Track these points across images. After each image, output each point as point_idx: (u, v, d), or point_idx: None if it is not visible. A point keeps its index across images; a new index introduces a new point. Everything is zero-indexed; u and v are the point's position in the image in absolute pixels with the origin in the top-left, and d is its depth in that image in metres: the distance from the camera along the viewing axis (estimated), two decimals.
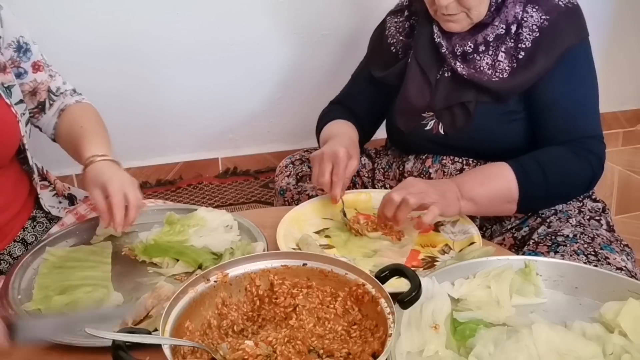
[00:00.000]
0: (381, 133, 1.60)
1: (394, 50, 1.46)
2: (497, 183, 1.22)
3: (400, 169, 1.49)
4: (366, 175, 1.57)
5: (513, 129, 1.33)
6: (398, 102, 1.41)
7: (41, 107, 1.31)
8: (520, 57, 1.28)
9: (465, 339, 0.86)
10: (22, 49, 1.24)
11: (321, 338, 0.83)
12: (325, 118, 1.55)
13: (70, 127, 1.28)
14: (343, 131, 1.43)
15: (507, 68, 1.29)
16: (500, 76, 1.29)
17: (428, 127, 1.39)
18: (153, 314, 0.93)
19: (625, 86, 3.01)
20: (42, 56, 1.30)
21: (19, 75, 1.25)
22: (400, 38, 1.45)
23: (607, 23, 2.85)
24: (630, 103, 3.11)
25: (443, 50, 1.33)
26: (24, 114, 1.23)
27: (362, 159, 1.58)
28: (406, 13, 1.45)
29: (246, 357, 0.77)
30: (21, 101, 1.24)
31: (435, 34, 1.34)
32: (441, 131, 1.37)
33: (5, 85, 1.20)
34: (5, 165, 1.19)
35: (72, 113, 1.31)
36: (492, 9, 1.27)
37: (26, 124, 1.24)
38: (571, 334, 0.85)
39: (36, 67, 1.28)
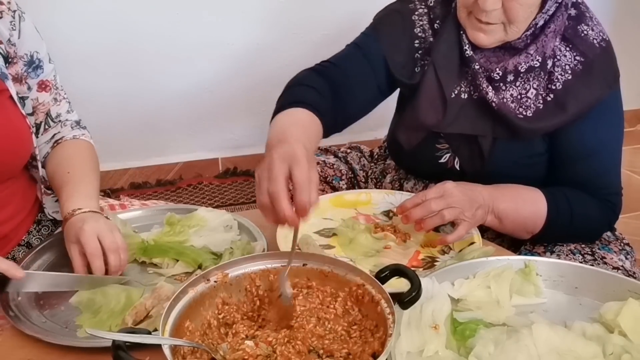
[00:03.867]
0: (380, 133, 1.58)
1: (416, 44, 1.26)
2: (529, 212, 1.16)
3: (397, 185, 1.42)
4: (362, 180, 1.52)
5: (534, 170, 1.25)
6: (406, 115, 1.30)
7: (35, 129, 1.24)
8: (549, 99, 1.17)
9: (465, 339, 0.86)
10: (33, 64, 1.20)
11: (321, 338, 0.83)
12: (293, 90, 1.24)
13: (57, 168, 1.20)
14: (301, 130, 1.06)
15: (532, 106, 1.18)
16: (524, 113, 1.19)
17: (442, 160, 1.29)
18: (153, 314, 0.93)
19: (625, 86, 2.99)
20: (55, 78, 1.25)
21: None
22: (428, 35, 1.25)
23: (606, 23, 2.82)
24: (630, 103, 3.10)
25: (476, 67, 1.18)
26: (34, 126, 1.22)
27: (361, 160, 1.56)
28: (430, 15, 1.26)
29: (246, 357, 0.77)
30: (32, 113, 1.22)
31: (466, 46, 1.19)
32: (457, 166, 1.28)
33: (20, 96, 1.18)
34: (17, 175, 1.19)
35: (64, 151, 1.24)
36: (529, 32, 1.14)
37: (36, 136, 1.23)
38: (571, 334, 0.85)
39: (42, 86, 1.23)
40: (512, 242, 1.30)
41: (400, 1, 1.32)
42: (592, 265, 1.11)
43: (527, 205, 1.16)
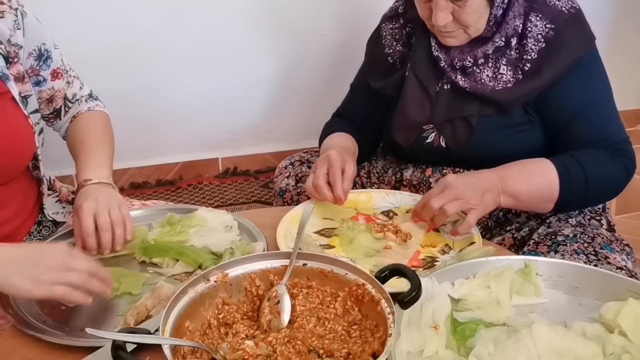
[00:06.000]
0: None
1: (390, 61, 1.42)
2: (540, 180, 1.19)
3: (398, 176, 1.46)
4: (365, 175, 1.56)
5: (516, 141, 1.30)
6: (396, 117, 1.38)
7: (56, 114, 1.30)
8: (527, 68, 1.24)
9: (465, 339, 0.86)
10: (42, 57, 1.21)
11: (321, 338, 0.83)
12: (326, 132, 1.53)
13: (74, 139, 1.27)
14: (337, 142, 1.42)
15: (511, 79, 1.26)
16: (504, 87, 1.26)
17: (429, 140, 1.36)
18: (153, 314, 0.93)
19: (625, 86, 3.01)
20: (62, 62, 1.28)
21: (37, 83, 1.23)
22: (398, 48, 1.41)
23: (607, 23, 2.85)
24: (630, 103, 3.11)
25: (442, 64, 1.29)
26: (37, 123, 1.23)
27: None
28: (402, 20, 1.41)
29: (246, 357, 0.77)
30: (36, 110, 1.23)
31: (433, 47, 1.30)
32: (442, 144, 1.34)
33: (23, 95, 1.18)
34: (18, 176, 1.19)
35: (79, 123, 1.30)
36: (492, 23, 1.23)
37: (39, 133, 1.23)
38: (571, 334, 0.85)
39: (55, 74, 1.25)
40: (513, 242, 1.30)
41: (375, 30, 1.50)
42: (596, 265, 1.11)
43: (536, 174, 1.20)
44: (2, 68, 1.12)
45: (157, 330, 0.79)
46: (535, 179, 1.19)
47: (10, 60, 1.14)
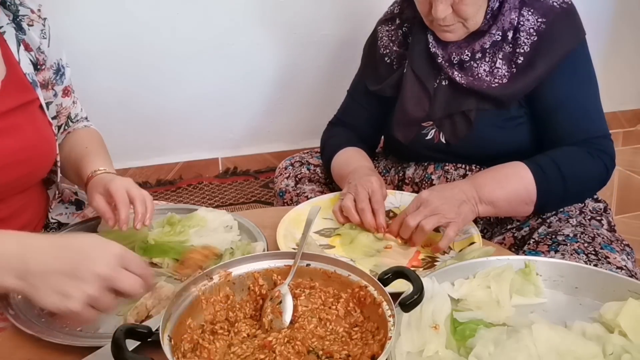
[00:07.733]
0: None
1: (387, 61, 1.43)
2: (515, 185, 1.19)
3: (400, 174, 1.48)
4: None
5: (515, 134, 1.32)
6: (396, 114, 1.39)
7: (57, 131, 1.30)
8: (520, 62, 1.26)
9: (465, 339, 0.86)
10: (59, 72, 1.24)
11: (321, 339, 0.82)
12: (330, 145, 1.51)
13: (74, 147, 1.27)
14: (361, 162, 1.39)
15: (506, 74, 1.28)
16: (500, 82, 1.28)
17: (429, 137, 1.37)
18: (153, 313, 0.93)
19: (625, 86, 3.01)
20: (71, 81, 1.30)
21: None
22: (394, 48, 1.42)
23: (606, 23, 2.85)
24: (630, 103, 3.11)
25: (439, 60, 1.31)
26: (56, 127, 1.25)
27: None
28: (397, 21, 1.43)
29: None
30: (54, 117, 1.25)
31: (431, 44, 1.32)
32: (442, 140, 1.35)
33: (46, 102, 1.20)
34: (38, 182, 1.20)
35: (77, 135, 1.31)
36: (489, 16, 1.26)
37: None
38: (571, 334, 0.85)
39: (65, 92, 1.28)
40: (514, 242, 1.30)
41: (371, 34, 1.51)
42: (596, 265, 1.12)
43: (510, 178, 1.20)
44: (32, 75, 1.15)
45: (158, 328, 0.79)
46: (510, 183, 1.19)
47: (39, 67, 1.18)
